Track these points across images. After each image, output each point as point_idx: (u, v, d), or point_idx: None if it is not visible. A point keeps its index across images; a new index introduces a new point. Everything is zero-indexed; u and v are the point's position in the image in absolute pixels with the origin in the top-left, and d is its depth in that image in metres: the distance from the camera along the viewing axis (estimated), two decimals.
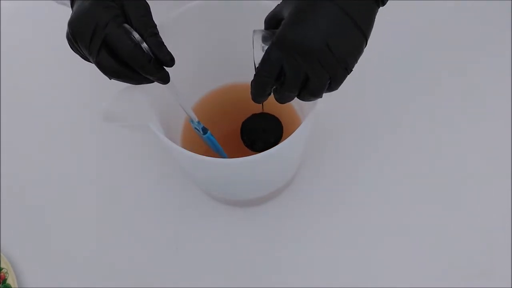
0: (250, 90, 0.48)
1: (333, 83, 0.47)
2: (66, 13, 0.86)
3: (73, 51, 0.52)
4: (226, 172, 0.57)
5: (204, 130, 0.62)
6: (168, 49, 0.50)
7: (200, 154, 0.51)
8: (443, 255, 0.72)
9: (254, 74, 0.47)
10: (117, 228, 0.75)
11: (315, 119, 0.57)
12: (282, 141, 0.52)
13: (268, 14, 0.50)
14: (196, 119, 0.60)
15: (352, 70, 0.47)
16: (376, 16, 0.49)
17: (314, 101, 0.51)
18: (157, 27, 0.51)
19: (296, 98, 0.49)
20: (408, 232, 0.73)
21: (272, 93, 0.49)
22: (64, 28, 0.85)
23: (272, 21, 0.49)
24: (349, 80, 0.62)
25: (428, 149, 0.78)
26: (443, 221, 0.74)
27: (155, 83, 0.50)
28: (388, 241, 0.73)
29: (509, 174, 0.76)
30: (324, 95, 0.49)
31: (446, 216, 0.74)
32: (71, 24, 0.50)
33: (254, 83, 0.47)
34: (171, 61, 0.50)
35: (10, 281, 0.71)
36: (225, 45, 0.65)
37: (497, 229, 0.73)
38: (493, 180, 0.76)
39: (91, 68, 0.82)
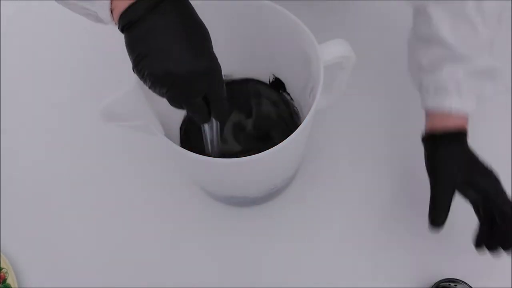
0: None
1: None
2: (66, 12, 0.87)
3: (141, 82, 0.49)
4: (225, 172, 0.57)
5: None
6: None
7: (199, 154, 0.51)
8: (442, 255, 0.73)
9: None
10: (116, 228, 0.75)
11: (314, 119, 0.57)
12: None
13: None
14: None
15: None
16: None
17: (314, 101, 0.53)
18: None
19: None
20: (408, 232, 0.74)
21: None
22: (63, 26, 0.85)
23: None
24: (349, 80, 0.63)
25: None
26: None
27: None
28: (389, 240, 0.73)
29: (510, 173, 0.76)
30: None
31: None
32: (182, 79, 0.45)
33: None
34: None
35: (10, 281, 0.71)
36: (225, 45, 0.65)
37: None
38: None
39: (92, 69, 0.83)
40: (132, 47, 0.46)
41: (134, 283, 0.71)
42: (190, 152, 0.51)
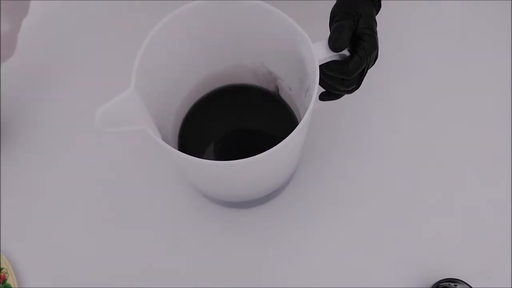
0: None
1: None
2: (66, 12, 0.87)
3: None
4: (223, 174, 0.56)
5: None
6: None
7: (197, 156, 0.51)
8: (442, 255, 0.72)
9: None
10: (116, 229, 0.75)
11: (311, 120, 0.57)
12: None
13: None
14: None
15: None
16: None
17: (310, 101, 0.53)
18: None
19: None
20: (408, 231, 0.74)
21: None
22: (64, 26, 0.85)
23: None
24: None
25: (427, 148, 0.78)
26: (442, 220, 0.74)
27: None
28: (388, 240, 0.73)
29: (510, 174, 0.76)
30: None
31: (445, 215, 0.74)
32: None
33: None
34: None
35: (10, 281, 0.71)
36: (219, 45, 0.64)
37: (497, 229, 0.73)
38: (493, 180, 0.76)
39: (91, 70, 0.82)
40: None
41: (133, 283, 0.71)
42: (188, 155, 0.50)
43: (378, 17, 0.59)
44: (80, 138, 0.80)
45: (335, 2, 0.59)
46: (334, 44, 0.53)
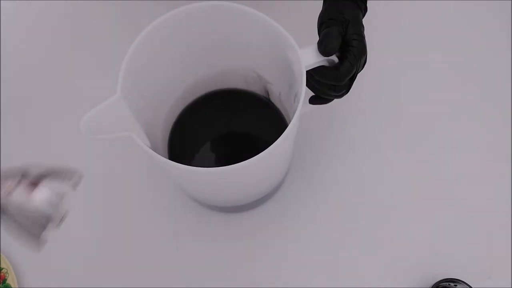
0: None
1: None
2: (65, 13, 0.86)
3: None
4: (213, 179, 0.56)
5: None
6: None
7: (186, 163, 0.51)
8: (441, 255, 0.72)
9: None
10: (116, 230, 0.75)
11: (301, 124, 0.56)
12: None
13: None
14: None
15: None
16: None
17: (299, 103, 0.53)
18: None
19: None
20: (408, 231, 0.73)
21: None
22: (63, 27, 0.85)
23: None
24: None
25: (423, 149, 0.78)
26: (442, 220, 0.74)
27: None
28: (388, 240, 0.73)
29: (510, 173, 0.75)
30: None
31: (445, 215, 0.74)
32: None
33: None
34: None
35: (10, 281, 0.71)
36: (212, 51, 0.64)
37: (497, 229, 0.73)
38: (493, 180, 0.75)
39: (91, 71, 0.83)
40: None
41: (132, 284, 0.72)
42: (177, 163, 0.50)
43: (365, 19, 0.58)
44: (80, 140, 0.80)
45: (322, 7, 0.59)
46: (325, 49, 0.53)
